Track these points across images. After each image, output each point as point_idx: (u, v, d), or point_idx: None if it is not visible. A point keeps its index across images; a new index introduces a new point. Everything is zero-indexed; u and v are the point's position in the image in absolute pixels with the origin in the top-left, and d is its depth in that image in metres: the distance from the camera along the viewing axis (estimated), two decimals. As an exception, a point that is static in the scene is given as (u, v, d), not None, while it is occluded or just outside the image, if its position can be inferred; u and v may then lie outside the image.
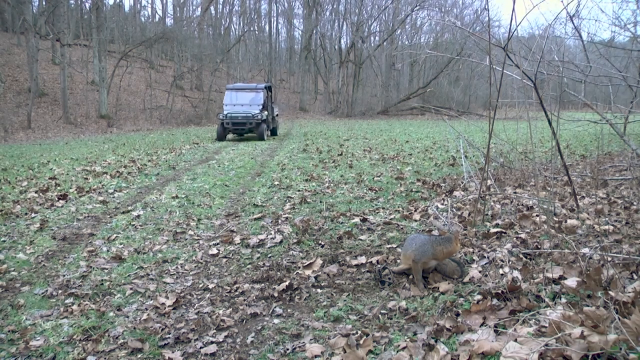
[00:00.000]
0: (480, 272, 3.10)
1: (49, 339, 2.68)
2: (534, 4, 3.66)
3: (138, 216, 5.44)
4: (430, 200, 5.65)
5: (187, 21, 35.99)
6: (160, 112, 26.24)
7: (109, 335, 2.69)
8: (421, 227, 4.52)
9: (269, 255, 3.98)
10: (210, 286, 3.38)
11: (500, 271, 3.00)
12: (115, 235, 4.71)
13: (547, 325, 2.13)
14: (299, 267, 3.61)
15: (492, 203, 4.93)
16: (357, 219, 4.90)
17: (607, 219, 3.97)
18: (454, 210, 4.92)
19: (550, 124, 4.07)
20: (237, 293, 3.23)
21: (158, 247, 4.32)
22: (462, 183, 6.38)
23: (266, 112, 16.81)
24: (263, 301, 3.09)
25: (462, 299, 2.77)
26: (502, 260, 3.17)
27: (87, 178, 8.07)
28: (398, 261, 3.39)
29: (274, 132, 18.42)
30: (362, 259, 3.66)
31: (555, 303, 2.44)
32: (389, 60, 35.66)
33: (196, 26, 34.54)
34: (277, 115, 19.28)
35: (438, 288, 3.00)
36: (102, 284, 3.47)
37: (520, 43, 6.36)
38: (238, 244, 4.34)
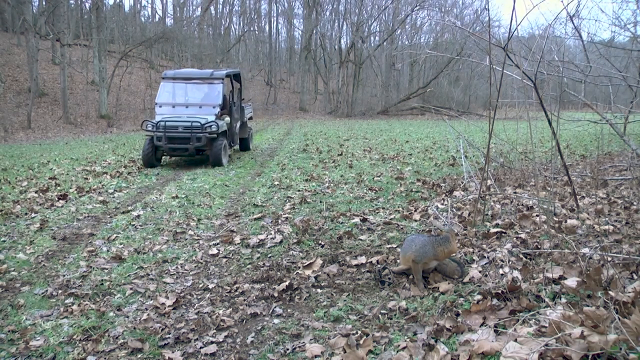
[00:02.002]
0: (480, 272, 3.10)
1: (49, 339, 2.68)
2: (534, 4, 3.67)
3: (138, 216, 5.44)
4: (430, 200, 5.65)
5: (187, 21, 35.99)
6: (160, 112, 26.18)
7: (109, 335, 2.70)
8: (421, 227, 4.52)
9: (269, 255, 3.98)
10: (210, 286, 3.38)
11: (500, 271, 3.00)
12: (115, 235, 4.71)
13: (547, 325, 2.13)
14: (299, 267, 3.61)
15: (492, 203, 4.93)
16: (357, 219, 4.90)
17: (607, 219, 3.97)
18: (454, 210, 4.92)
19: (550, 124, 4.07)
20: (237, 293, 3.24)
21: (158, 247, 4.32)
22: (462, 183, 6.38)
23: (228, 118, 10.21)
24: (263, 301, 3.09)
25: (462, 299, 2.77)
26: (502, 260, 3.17)
27: (87, 178, 8.07)
28: (398, 261, 3.39)
29: (244, 146, 12.18)
30: (362, 259, 3.67)
31: (555, 303, 2.44)
32: (389, 60, 35.63)
33: (196, 26, 34.54)
34: (249, 118, 12.67)
35: (438, 288, 3.00)
36: (102, 284, 3.47)
37: (520, 43, 6.37)
38: (238, 244, 4.34)
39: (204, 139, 9.26)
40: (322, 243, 4.20)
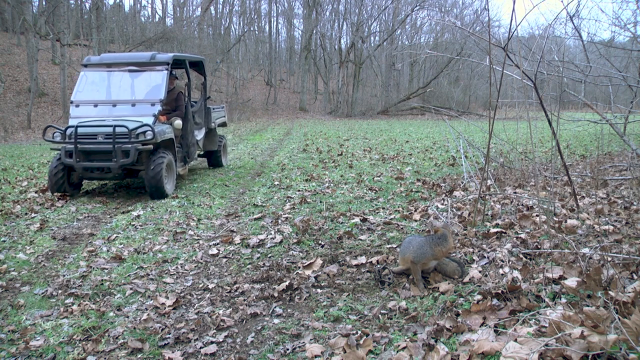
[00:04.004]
0: (480, 272, 3.10)
1: (49, 339, 2.68)
2: (534, 4, 3.67)
3: (138, 216, 5.44)
4: (430, 200, 5.65)
5: (187, 21, 35.97)
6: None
7: (109, 335, 2.70)
8: (421, 227, 4.52)
9: (269, 255, 3.98)
10: (210, 286, 3.38)
11: (500, 271, 3.00)
12: (115, 235, 4.71)
13: (547, 325, 2.13)
14: (299, 267, 3.61)
15: (492, 203, 4.93)
16: (357, 219, 4.90)
17: (607, 219, 3.97)
18: (454, 210, 4.92)
19: (550, 124, 4.07)
20: (237, 293, 3.24)
21: (158, 247, 4.32)
22: (462, 183, 6.38)
23: (178, 122, 7.14)
24: (263, 301, 3.09)
25: (462, 299, 2.77)
26: (502, 260, 3.17)
27: (87, 178, 8.06)
28: (397, 261, 3.39)
29: (214, 161, 9.06)
30: (362, 259, 3.67)
31: (555, 303, 2.44)
32: (389, 60, 35.61)
33: (196, 26, 34.54)
34: (222, 124, 9.33)
35: (438, 288, 3.00)
36: (102, 284, 3.47)
37: (520, 43, 6.37)
38: (238, 244, 4.34)
39: (133, 153, 6.06)
40: (322, 243, 4.20)
